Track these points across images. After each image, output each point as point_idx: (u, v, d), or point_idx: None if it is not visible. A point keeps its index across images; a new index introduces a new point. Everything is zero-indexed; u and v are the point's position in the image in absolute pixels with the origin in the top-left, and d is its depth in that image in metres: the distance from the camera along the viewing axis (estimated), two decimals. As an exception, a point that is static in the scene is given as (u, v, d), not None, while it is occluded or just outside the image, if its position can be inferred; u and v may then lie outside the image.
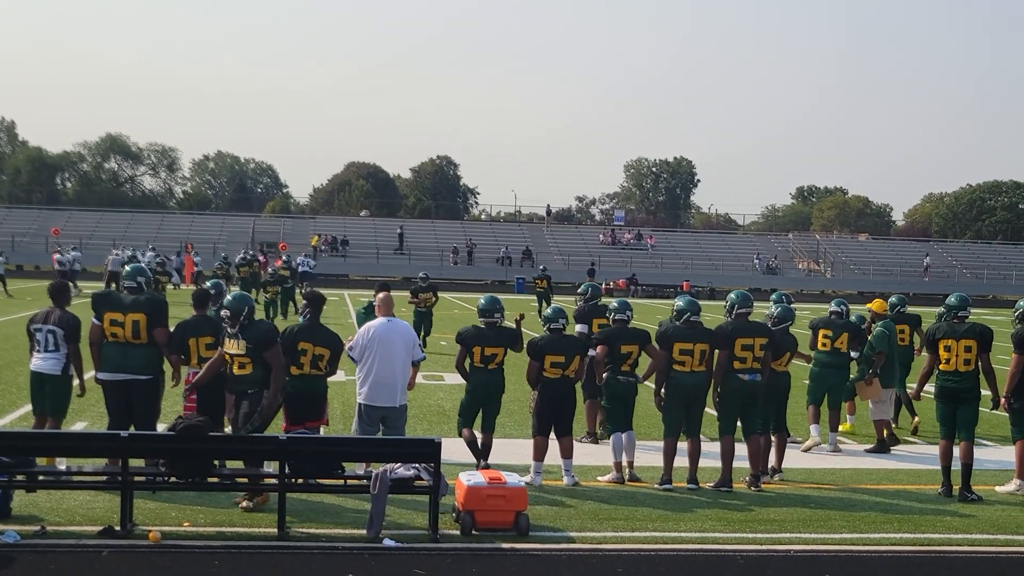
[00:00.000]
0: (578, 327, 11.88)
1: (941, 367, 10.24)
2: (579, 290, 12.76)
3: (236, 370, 8.80)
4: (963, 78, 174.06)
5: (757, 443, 10.22)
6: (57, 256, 40.96)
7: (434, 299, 22.75)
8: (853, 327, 12.57)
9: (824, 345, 12.37)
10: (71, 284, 37.28)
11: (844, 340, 12.35)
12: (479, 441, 10.06)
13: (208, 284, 11.22)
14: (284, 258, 34.17)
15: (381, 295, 10.03)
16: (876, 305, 13.41)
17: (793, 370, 11.25)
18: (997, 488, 10.42)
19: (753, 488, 10.05)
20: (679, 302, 10.29)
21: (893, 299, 14.02)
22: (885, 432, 12.58)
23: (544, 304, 32.37)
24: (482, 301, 10.33)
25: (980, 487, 10.27)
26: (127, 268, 9.79)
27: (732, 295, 10.41)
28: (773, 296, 12.12)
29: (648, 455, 10.96)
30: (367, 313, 13.54)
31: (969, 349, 10.09)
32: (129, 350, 9.22)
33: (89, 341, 9.32)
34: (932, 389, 10.65)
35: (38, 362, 9.45)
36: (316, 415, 9.27)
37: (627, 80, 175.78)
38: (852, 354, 12.53)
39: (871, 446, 12.58)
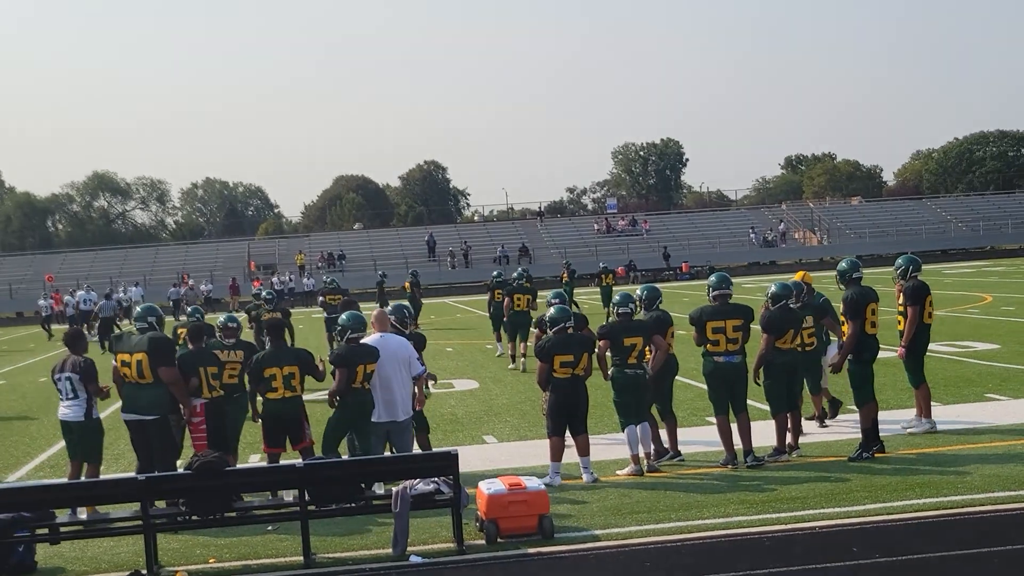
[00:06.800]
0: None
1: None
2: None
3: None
4: (942, 31, 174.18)
5: (746, 420, 10.35)
6: (81, 293, 41.45)
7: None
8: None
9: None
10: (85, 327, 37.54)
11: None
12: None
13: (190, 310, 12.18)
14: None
15: (375, 311, 10.16)
16: (799, 276, 12.12)
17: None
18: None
19: (746, 465, 10.15)
20: (639, 290, 10.90)
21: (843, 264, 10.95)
22: (824, 401, 12.20)
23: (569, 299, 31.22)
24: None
25: (997, 444, 10.35)
26: (138, 308, 9.95)
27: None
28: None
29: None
30: None
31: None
32: (138, 391, 9.39)
33: (113, 380, 9.58)
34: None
35: (63, 410, 9.66)
36: (296, 437, 9.56)
37: (608, 65, 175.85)
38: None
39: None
